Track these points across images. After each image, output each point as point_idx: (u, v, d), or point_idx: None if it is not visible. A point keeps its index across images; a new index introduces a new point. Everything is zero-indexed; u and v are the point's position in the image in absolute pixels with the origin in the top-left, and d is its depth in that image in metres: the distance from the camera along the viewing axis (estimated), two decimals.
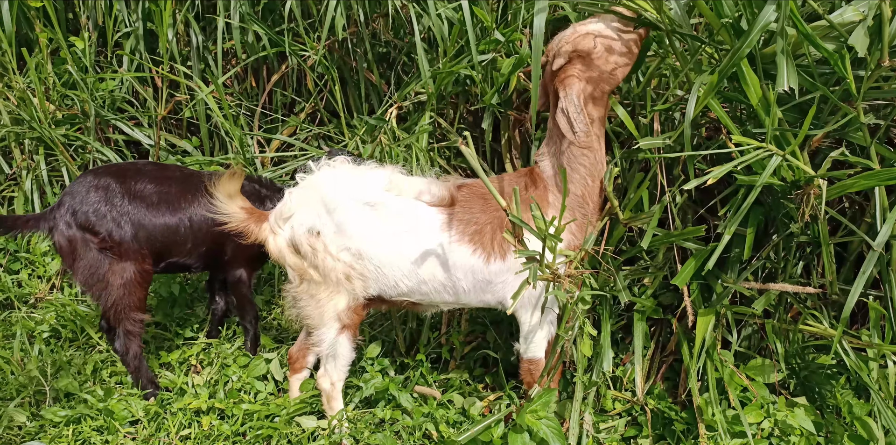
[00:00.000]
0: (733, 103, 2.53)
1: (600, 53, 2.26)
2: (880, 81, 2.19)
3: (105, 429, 2.73)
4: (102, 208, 2.71)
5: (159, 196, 2.81)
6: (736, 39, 2.11)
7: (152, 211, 2.79)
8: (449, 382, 2.95)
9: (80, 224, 2.69)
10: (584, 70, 2.26)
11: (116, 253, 2.73)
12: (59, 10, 3.96)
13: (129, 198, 2.75)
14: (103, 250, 2.71)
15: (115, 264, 2.73)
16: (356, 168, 2.49)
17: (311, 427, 2.69)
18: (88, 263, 2.72)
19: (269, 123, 3.96)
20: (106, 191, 2.73)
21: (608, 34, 2.27)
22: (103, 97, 3.90)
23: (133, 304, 2.78)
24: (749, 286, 2.47)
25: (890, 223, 2.14)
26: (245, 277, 3.09)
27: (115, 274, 2.73)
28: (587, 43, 2.25)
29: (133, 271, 2.75)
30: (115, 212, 2.72)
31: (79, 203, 2.70)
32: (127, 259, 2.74)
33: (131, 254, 2.75)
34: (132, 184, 2.78)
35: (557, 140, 2.36)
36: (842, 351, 2.39)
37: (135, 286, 2.76)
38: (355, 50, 3.56)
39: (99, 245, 2.71)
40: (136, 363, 2.86)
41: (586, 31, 2.27)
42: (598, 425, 2.62)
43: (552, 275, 2.14)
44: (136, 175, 2.82)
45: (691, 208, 2.71)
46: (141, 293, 2.80)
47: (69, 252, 2.72)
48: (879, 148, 2.21)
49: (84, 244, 2.70)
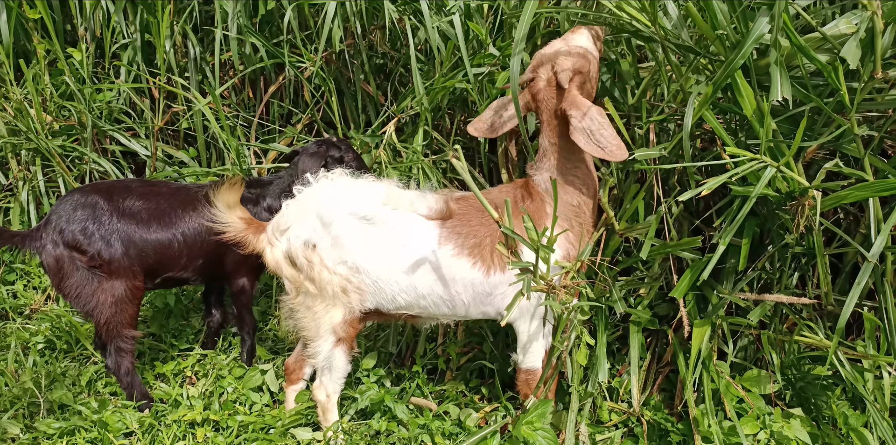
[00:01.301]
0: (728, 115, 2.54)
1: (593, 67, 2.33)
2: (873, 92, 2.21)
3: (99, 441, 2.71)
4: (90, 226, 2.69)
5: (149, 213, 2.79)
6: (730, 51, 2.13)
7: (143, 228, 2.77)
8: (445, 393, 2.94)
9: (68, 243, 2.67)
10: (581, 85, 2.32)
11: (106, 271, 2.70)
12: (57, 21, 3.98)
13: (118, 215, 2.73)
14: (92, 268, 2.69)
15: (105, 282, 2.71)
16: (353, 181, 2.49)
17: (306, 438, 2.68)
18: (77, 282, 2.69)
19: (265, 135, 3.97)
20: (94, 209, 2.71)
21: (592, 47, 2.34)
22: (100, 108, 3.91)
23: (125, 321, 2.76)
24: (745, 296, 2.47)
25: (884, 234, 2.15)
26: (248, 286, 3.09)
27: (105, 292, 2.71)
28: (582, 61, 2.30)
29: (123, 289, 2.73)
30: (104, 230, 2.69)
31: (65, 222, 2.68)
32: (117, 277, 2.72)
33: (121, 272, 2.73)
34: (120, 201, 2.76)
35: (551, 155, 2.38)
36: (837, 362, 2.39)
37: (126, 304, 2.75)
38: (352, 62, 3.58)
39: (87, 264, 2.68)
40: (128, 380, 2.85)
41: (578, 46, 2.31)
42: (594, 436, 2.62)
43: (547, 286, 2.14)
44: (123, 192, 2.80)
45: (687, 218, 2.72)
46: (132, 310, 2.78)
47: (56, 271, 2.69)
48: (873, 159, 2.22)
49: (71, 263, 2.68)
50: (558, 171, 2.39)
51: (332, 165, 2.92)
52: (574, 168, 2.38)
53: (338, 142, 2.99)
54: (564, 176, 2.38)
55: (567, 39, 2.35)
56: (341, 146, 2.98)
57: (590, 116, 2.22)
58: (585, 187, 2.41)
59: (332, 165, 2.92)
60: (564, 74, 2.28)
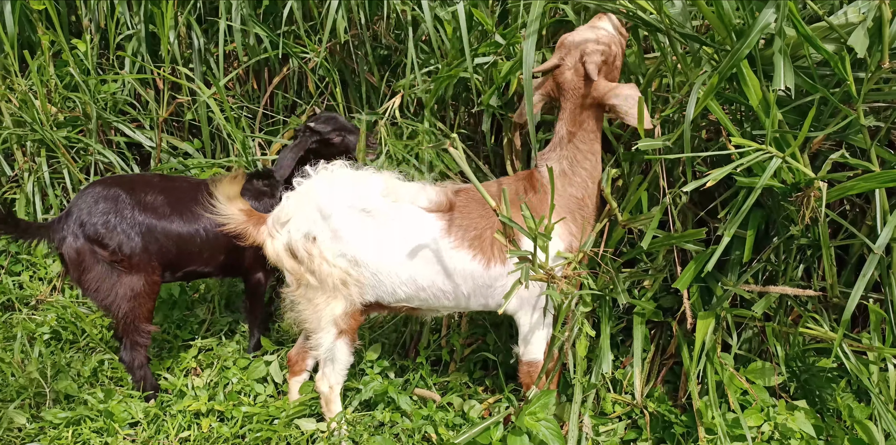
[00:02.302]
0: (734, 105, 2.52)
1: (619, 54, 2.32)
2: (881, 82, 2.19)
3: (105, 431, 2.73)
4: (112, 219, 2.67)
5: (171, 207, 2.79)
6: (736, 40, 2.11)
7: (164, 222, 2.77)
8: (448, 384, 2.95)
9: (89, 236, 2.65)
10: (608, 74, 2.32)
11: (126, 266, 2.69)
12: (62, 12, 3.98)
13: (140, 209, 2.72)
14: (112, 262, 2.68)
15: (125, 276, 2.70)
16: (353, 173, 2.48)
17: (310, 429, 2.68)
18: (96, 275, 2.68)
19: (270, 126, 3.97)
20: (115, 202, 2.69)
21: (617, 37, 2.33)
22: (105, 99, 3.91)
23: (142, 315, 2.76)
24: (749, 288, 2.46)
25: (890, 226, 2.13)
26: (263, 280, 3.09)
27: (124, 286, 2.70)
28: (609, 49, 2.28)
29: (142, 284, 2.73)
30: (125, 224, 2.68)
31: (87, 214, 2.66)
32: (137, 272, 2.71)
33: (141, 266, 2.72)
34: (142, 195, 2.75)
35: (565, 144, 2.37)
36: (842, 354, 2.38)
37: (144, 298, 2.75)
38: (356, 52, 3.56)
39: (109, 258, 2.67)
40: (141, 373, 2.85)
41: (606, 33, 2.30)
42: (597, 427, 2.61)
43: (548, 276, 2.14)
44: (145, 186, 2.80)
45: (692, 210, 2.70)
46: (150, 305, 2.78)
47: (77, 264, 2.67)
48: (880, 150, 2.20)
49: (92, 256, 2.66)
50: (568, 161, 2.38)
51: (321, 149, 2.93)
52: (584, 160, 2.37)
53: (316, 125, 2.97)
54: (573, 167, 2.37)
55: (594, 26, 2.32)
56: (320, 129, 2.95)
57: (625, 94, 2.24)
58: (591, 180, 2.40)
59: (322, 149, 2.93)
60: (593, 65, 2.25)
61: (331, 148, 2.98)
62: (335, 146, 2.98)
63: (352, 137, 2.98)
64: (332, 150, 2.98)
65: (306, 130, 2.96)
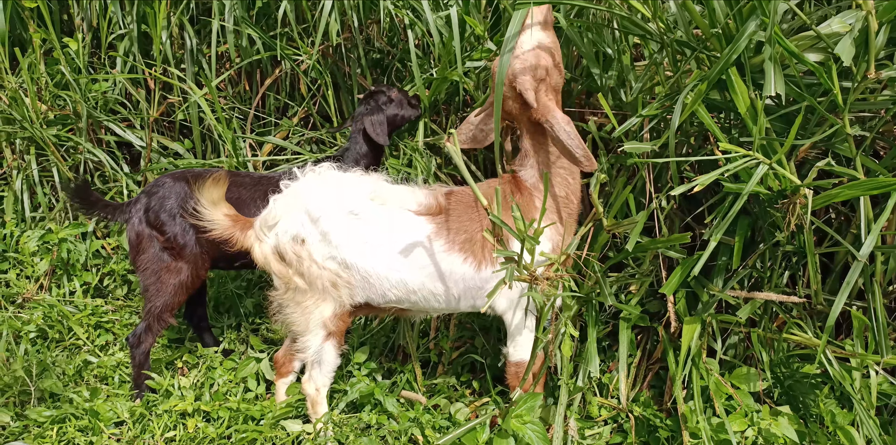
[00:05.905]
0: (722, 113, 2.54)
1: (553, 61, 2.29)
2: (866, 92, 2.21)
3: (90, 430, 2.72)
4: (175, 210, 2.81)
5: (231, 202, 2.81)
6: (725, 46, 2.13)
7: None
8: (436, 387, 2.95)
9: (150, 222, 2.84)
10: (547, 89, 2.30)
11: (177, 254, 2.83)
12: (54, 10, 3.96)
13: None
14: (165, 249, 2.82)
15: (173, 263, 2.84)
16: (342, 176, 2.48)
17: (296, 430, 2.68)
18: (149, 257, 2.85)
19: (261, 127, 3.96)
20: (181, 194, 2.84)
21: (549, 43, 2.27)
22: (96, 98, 3.90)
23: (173, 305, 2.88)
24: (735, 294, 2.48)
25: (874, 234, 2.15)
26: None
27: (170, 273, 2.84)
28: (539, 63, 2.24)
29: (187, 275, 2.86)
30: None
31: (154, 202, 2.84)
32: (185, 261, 2.85)
33: (191, 258, 2.85)
34: None
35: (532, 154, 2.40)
36: (826, 361, 2.41)
37: (183, 290, 2.87)
38: (349, 55, 3.57)
39: (163, 244, 2.83)
40: (141, 358, 2.91)
41: (530, 50, 2.24)
42: (583, 431, 2.63)
43: (530, 276, 2.15)
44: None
45: (678, 216, 2.72)
46: (184, 297, 2.91)
47: (135, 245, 2.87)
48: (865, 159, 2.23)
49: (150, 240, 2.85)
50: (544, 165, 2.40)
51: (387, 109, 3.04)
52: (558, 159, 2.39)
53: (376, 90, 3.07)
54: (551, 168, 2.39)
55: (517, 45, 2.25)
56: (382, 91, 3.07)
57: (559, 127, 2.25)
58: (571, 177, 2.42)
59: (388, 108, 3.04)
60: (528, 93, 2.23)
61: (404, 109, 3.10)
62: (395, 104, 3.08)
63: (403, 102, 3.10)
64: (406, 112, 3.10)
65: (373, 95, 3.05)
